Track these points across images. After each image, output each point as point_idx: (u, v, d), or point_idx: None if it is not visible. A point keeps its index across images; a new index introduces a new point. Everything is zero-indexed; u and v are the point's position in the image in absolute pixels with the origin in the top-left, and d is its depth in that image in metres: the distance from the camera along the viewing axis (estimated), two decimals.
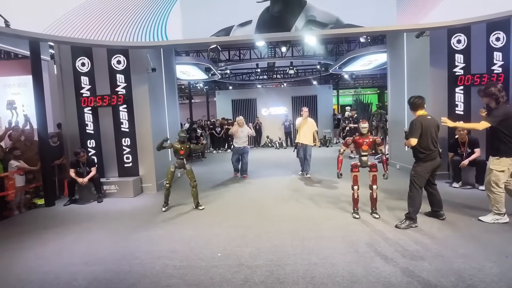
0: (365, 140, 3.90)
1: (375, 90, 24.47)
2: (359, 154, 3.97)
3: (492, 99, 3.50)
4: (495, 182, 3.51)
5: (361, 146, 3.91)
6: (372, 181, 3.85)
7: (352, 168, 3.93)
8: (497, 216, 3.57)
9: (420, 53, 5.99)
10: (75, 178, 5.32)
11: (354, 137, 4.03)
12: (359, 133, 3.99)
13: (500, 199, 3.53)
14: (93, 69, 5.83)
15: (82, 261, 3.11)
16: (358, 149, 3.97)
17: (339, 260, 2.86)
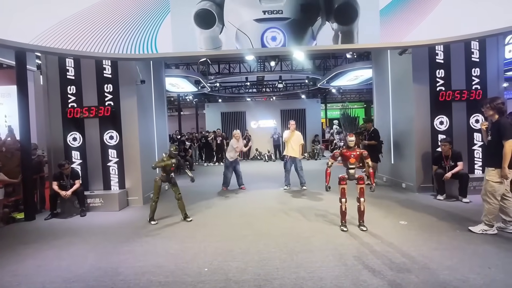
0: (352, 153, 3.92)
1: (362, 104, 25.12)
2: (346, 167, 3.99)
3: (497, 112, 3.61)
4: (491, 193, 3.57)
5: (348, 159, 3.93)
6: (360, 194, 3.87)
7: (340, 181, 3.96)
8: (486, 227, 3.63)
9: (403, 69, 6.22)
10: (58, 191, 5.15)
11: (341, 150, 4.06)
12: (346, 146, 4.03)
13: (494, 211, 3.58)
14: (80, 80, 5.77)
15: (61, 278, 2.97)
16: (345, 162, 3.98)
17: (327, 273, 2.84)
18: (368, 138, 6.85)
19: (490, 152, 3.74)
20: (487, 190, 3.61)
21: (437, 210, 4.74)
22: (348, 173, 3.95)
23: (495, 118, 3.65)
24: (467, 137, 5.88)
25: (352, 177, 3.92)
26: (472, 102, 5.82)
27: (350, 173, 3.93)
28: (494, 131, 3.63)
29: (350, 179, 3.93)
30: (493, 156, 3.62)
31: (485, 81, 5.85)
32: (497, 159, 3.53)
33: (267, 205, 5.47)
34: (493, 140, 3.62)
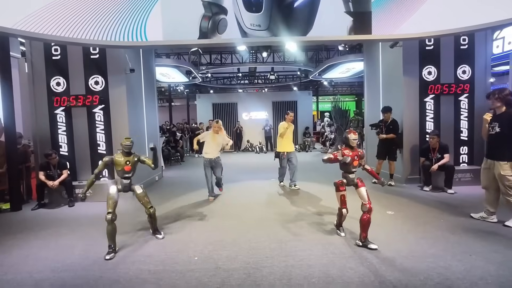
0: (355, 154, 3.27)
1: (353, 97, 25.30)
2: (345, 171, 3.35)
3: (504, 104, 3.59)
4: (510, 187, 3.54)
5: (352, 162, 3.25)
6: (367, 199, 3.20)
7: (339, 187, 3.32)
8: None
9: (394, 62, 6.26)
10: (44, 181, 5.06)
11: (342, 151, 3.28)
12: (348, 146, 3.31)
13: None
14: (67, 68, 5.61)
15: (49, 268, 2.94)
16: (347, 166, 3.29)
17: (315, 262, 2.90)
18: (386, 131, 6.00)
19: (500, 144, 3.60)
20: (506, 185, 3.55)
21: (423, 200, 4.86)
22: (347, 177, 3.33)
23: (501, 110, 3.62)
24: (454, 130, 6.01)
25: (352, 183, 3.31)
26: (460, 95, 5.93)
27: (350, 178, 3.31)
28: (504, 123, 3.56)
29: (349, 184, 3.32)
30: (504, 149, 3.55)
31: (473, 75, 5.95)
32: (508, 152, 3.50)
33: (257, 196, 5.51)
34: (503, 132, 3.55)
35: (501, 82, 12.27)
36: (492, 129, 3.70)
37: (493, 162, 3.69)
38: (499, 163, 3.60)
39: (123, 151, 3.43)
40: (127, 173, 3.42)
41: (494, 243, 3.18)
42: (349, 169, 3.30)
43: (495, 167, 3.66)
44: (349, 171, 3.32)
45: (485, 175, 3.88)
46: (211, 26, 4.67)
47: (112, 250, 3.19)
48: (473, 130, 6.00)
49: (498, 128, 3.63)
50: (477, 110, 5.98)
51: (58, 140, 5.67)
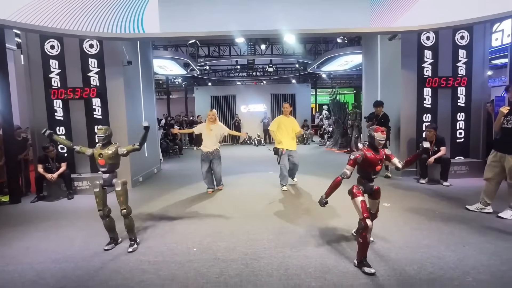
0: (380, 158, 2.67)
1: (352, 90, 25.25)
2: (364, 177, 2.74)
3: None
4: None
5: (375, 166, 2.67)
6: (376, 211, 2.88)
7: (355, 192, 2.66)
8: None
9: (392, 55, 6.25)
10: (43, 174, 5.08)
11: (364, 153, 2.63)
12: (371, 146, 2.69)
13: None
14: (64, 60, 5.57)
15: (49, 259, 2.99)
16: (367, 171, 2.70)
17: (312, 252, 2.96)
18: (378, 124, 5.85)
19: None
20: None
21: (419, 193, 4.93)
22: (365, 184, 2.74)
23: None
24: (451, 123, 6.04)
25: (370, 191, 2.77)
26: (457, 89, 5.96)
27: (369, 186, 2.74)
28: None
29: (367, 191, 2.76)
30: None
31: (471, 68, 5.96)
32: None
33: (255, 188, 5.56)
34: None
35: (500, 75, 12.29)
36: (508, 122, 3.65)
37: (504, 155, 3.66)
38: (511, 156, 3.58)
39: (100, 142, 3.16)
40: (102, 167, 3.14)
41: (486, 234, 3.25)
42: (370, 174, 2.71)
43: (506, 161, 3.65)
44: (369, 177, 2.72)
45: (492, 167, 3.84)
46: None
47: (112, 241, 3.23)
48: (470, 123, 6.05)
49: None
50: (474, 103, 6.02)
51: (56, 133, 5.65)
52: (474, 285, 2.37)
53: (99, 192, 3.10)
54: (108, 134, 3.17)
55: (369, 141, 2.73)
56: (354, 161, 2.63)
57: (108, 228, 3.20)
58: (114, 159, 3.17)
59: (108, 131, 3.19)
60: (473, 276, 2.47)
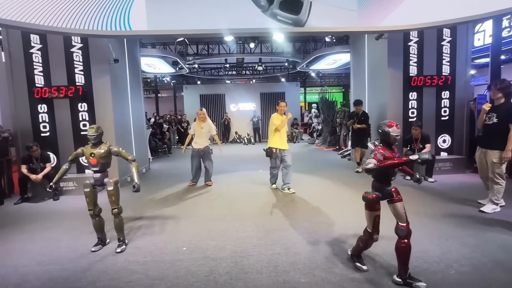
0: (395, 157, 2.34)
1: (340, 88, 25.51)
2: (384, 182, 2.40)
3: (503, 95, 3.73)
4: (499, 174, 3.74)
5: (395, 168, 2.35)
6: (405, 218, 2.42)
7: (374, 204, 2.41)
8: (494, 206, 3.82)
9: (379, 54, 6.36)
10: (27, 174, 4.94)
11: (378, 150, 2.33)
12: (386, 143, 2.39)
13: (502, 189, 3.78)
14: (47, 58, 5.42)
15: (35, 261, 2.92)
16: (386, 174, 2.39)
17: (301, 249, 2.99)
18: (358, 122, 6.49)
19: (496, 134, 3.74)
20: (495, 172, 3.73)
21: (404, 189, 4.99)
22: (384, 190, 2.39)
23: (501, 101, 3.75)
24: (436, 121, 6.20)
25: (389, 196, 2.41)
26: (441, 87, 6.11)
27: (387, 190, 2.40)
28: (502, 113, 3.69)
29: (384, 198, 2.42)
30: (498, 138, 3.70)
31: (454, 68, 6.12)
32: (502, 142, 3.64)
33: (245, 187, 5.57)
34: (500, 123, 3.69)
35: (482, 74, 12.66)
36: (489, 119, 3.82)
37: (486, 150, 3.84)
38: (492, 151, 3.76)
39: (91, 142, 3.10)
40: (94, 167, 3.10)
41: (469, 228, 3.36)
42: (389, 177, 2.39)
43: (487, 155, 3.83)
44: (388, 180, 2.40)
45: (481, 164, 4.02)
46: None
47: (99, 242, 3.18)
48: (453, 121, 6.21)
49: (496, 119, 3.74)
50: (458, 101, 6.19)
51: (40, 132, 5.52)
52: (456, 278, 2.45)
53: (90, 192, 3.06)
54: (99, 133, 3.13)
55: (382, 138, 2.38)
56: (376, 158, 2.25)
57: (97, 228, 3.15)
58: (106, 159, 3.14)
59: (100, 130, 3.15)
60: (456, 269, 2.56)
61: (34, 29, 4.38)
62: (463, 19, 4.68)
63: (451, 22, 4.83)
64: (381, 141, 2.41)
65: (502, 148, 3.69)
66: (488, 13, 4.52)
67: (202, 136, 5.52)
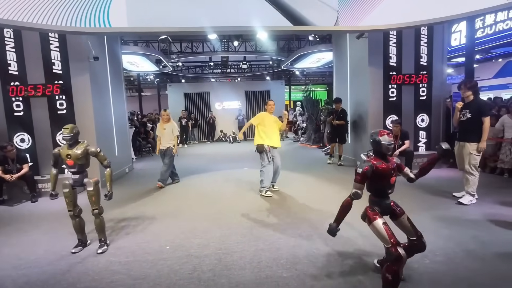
0: (392, 168, 2.20)
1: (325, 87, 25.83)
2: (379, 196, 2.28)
3: (473, 93, 4.07)
4: (474, 165, 4.03)
5: (389, 179, 2.20)
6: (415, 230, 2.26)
7: (371, 216, 2.20)
8: (471, 197, 4.06)
9: (360, 53, 6.50)
10: (1, 175, 4.76)
11: (373, 164, 2.17)
12: (379, 154, 2.23)
13: (476, 181, 4.05)
14: (23, 56, 5.22)
15: (10, 265, 2.84)
16: (380, 185, 2.25)
17: (284, 244, 3.04)
18: (337, 118, 6.94)
19: (470, 128, 4.06)
20: (471, 163, 4.02)
21: None
22: (381, 204, 2.25)
23: (470, 98, 4.09)
24: (414, 118, 6.41)
25: (388, 210, 2.27)
26: (419, 85, 6.32)
27: (385, 204, 2.26)
28: (474, 109, 4.02)
29: (385, 212, 2.26)
30: (474, 132, 4.02)
31: (431, 66, 6.35)
32: (477, 134, 3.98)
33: (229, 185, 5.58)
34: (473, 117, 4.01)
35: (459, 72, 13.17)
36: (463, 115, 4.13)
37: (464, 143, 4.12)
38: (469, 144, 4.05)
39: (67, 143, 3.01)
40: (71, 168, 3.02)
41: (444, 220, 3.51)
42: (385, 189, 2.23)
43: (464, 148, 4.11)
44: (384, 193, 2.24)
45: (459, 157, 4.30)
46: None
47: (80, 244, 3.12)
48: (431, 117, 6.45)
49: (469, 114, 4.06)
50: (435, 99, 6.42)
51: (16, 132, 5.32)
52: (431, 266, 2.57)
53: (69, 193, 2.99)
54: (74, 133, 3.03)
55: (375, 148, 2.23)
56: (362, 175, 2.12)
57: (77, 229, 3.09)
58: (83, 159, 3.05)
59: (75, 129, 3.05)
60: (430, 259, 2.68)
61: (8, 24, 4.21)
62: (439, 19, 4.85)
63: (428, 23, 5.01)
64: (374, 151, 2.26)
65: (478, 140, 4.00)
66: (461, 14, 4.71)
67: (165, 136, 5.56)
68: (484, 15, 8.31)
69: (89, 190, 3.01)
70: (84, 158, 3.05)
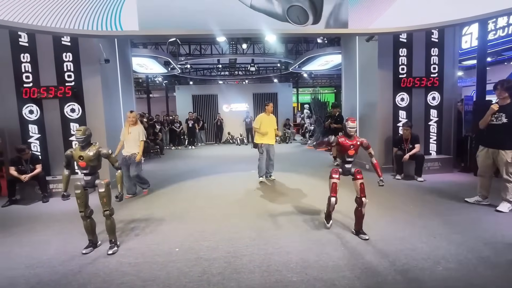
0: (351, 143, 3.21)
1: (332, 89, 25.74)
2: (342, 160, 3.31)
3: (509, 95, 3.74)
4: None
5: (347, 151, 3.22)
6: (360, 192, 3.14)
7: (332, 174, 3.25)
8: (509, 205, 3.82)
9: (370, 56, 6.45)
10: (16, 176, 4.85)
11: (338, 139, 3.26)
12: (345, 134, 3.26)
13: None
14: (36, 57, 5.33)
15: (23, 265, 2.88)
16: (342, 154, 3.29)
17: (293, 248, 3.02)
18: (334, 122, 7.71)
19: (507, 134, 3.74)
20: (509, 171, 3.74)
21: (394, 188, 5.13)
22: (343, 167, 3.29)
23: (507, 101, 3.77)
24: (424, 121, 6.33)
25: (348, 172, 3.27)
26: (430, 88, 6.25)
27: (345, 168, 3.27)
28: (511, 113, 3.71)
29: (345, 174, 3.28)
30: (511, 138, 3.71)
31: (442, 69, 6.26)
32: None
33: (237, 187, 5.57)
34: (511, 122, 3.69)
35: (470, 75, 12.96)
36: (496, 119, 3.83)
37: (497, 151, 3.83)
38: (505, 151, 3.75)
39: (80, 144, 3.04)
40: (83, 169, 3.05)
41: (455, 226, 3.45)
42: (344, 157, 3.24)
43: (499, 156, 3.82)
44: (344, 159, 3.25)
45: (484, 163, 4.04)
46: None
47: (90, 244, 3.15)
48: (442, 121, 6.35)
49: (506, 119, 3.75)
50: (446, 102, 6.33)
51: (29, 133, 5.42)
52: (443, 273, 2.52)
53: (81, 194, 3.02)
54: (87, 135, 3.07)
55: (343, 129, 3.28)
56: (331, 143, 3.30)
57: (88, 230, 3.12)
58: (95, 161, 3.08)
59: (88, 131, 3.09)
60: (443, 265, 2.63)
61: (23, 28, 4.30)
62: (451, 22, 4.78)
63: (439, 25, 4.94)
64: (343, 131, 3.30)
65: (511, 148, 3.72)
66: (474, 16, 4.63)
67: (130, 141, 4.94)
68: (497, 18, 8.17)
69: (101, 192, 3.04)
70: (96, 159, 3.08)
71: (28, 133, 5.42)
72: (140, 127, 5.11)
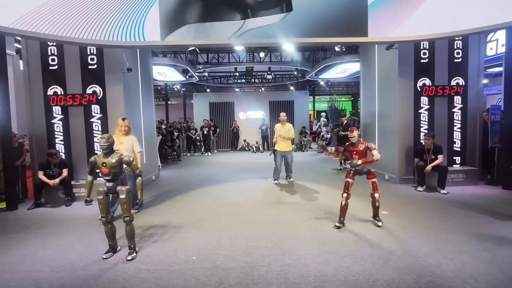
0: (355, 150, 3.81)
1: (349, 97, 25.43)
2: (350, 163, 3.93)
3: None
4: None
5: (352, 156, 3.84)
6: (373, 189, 3.78)
7: (346, 175, 3.84)
8: None
9: (390, 64, 6.34)
10: (45, 181, 5.05)
11: (345, 146, 3.97)
12: (349, 142, 3.90)
13: None
14: (63, 66, 5.60)
15: (47, 267, 2.97)
16: (351, 159, 3.90)
17: (311, 260, 2.96)
18: (342, 130, 8.29)
19: None
20: None
21: (416, 200, 4.96)
22: (352, 168, 3.89)
23: None
24: (448, 131, 6.11)
25: (359, 173, 3.83)
26: (453, 97, 6.04)
27: (355, 169, 3.84)
28: None
29: (357, 173, 3.84)
30: None
31: (466, 77, 6.06)
32: None
33: (254, 196, 5.56)
34: None
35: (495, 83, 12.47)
36: None
37: None
38: None
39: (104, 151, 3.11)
40: (106, 176, 3.11)
41: (483, 242, 3.27)
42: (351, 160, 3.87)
43: None
44: (352, 163, 3.84)
45: None
46: None
47: (110, 250, 3.22)
48: (466, 131, 6.11)
49: None
50: (470, 111, 6.09)
51: (55, 139, 5.65)
52: None
53: (103, 199, 3.10)
54: (111, 143, 3.16)
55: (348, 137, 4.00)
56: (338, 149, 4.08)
57: (109, 235, 3.19)
58: (117, 168, 3.16)
59: (111, 139, 3.18)
60: (471, 285, 2.49)
61: (52, 39, 4.54)
62: (475, 29, 4.63)
63: (463, 33, 4.80)
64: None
65: None
66: (500, 24, 4.47)
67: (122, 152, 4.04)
68: None
69: (122, 198, 3.11)
70: (118, 166, 3.16)
71: (54, 139, 5.65)
72: (133, 137, 4.59)
